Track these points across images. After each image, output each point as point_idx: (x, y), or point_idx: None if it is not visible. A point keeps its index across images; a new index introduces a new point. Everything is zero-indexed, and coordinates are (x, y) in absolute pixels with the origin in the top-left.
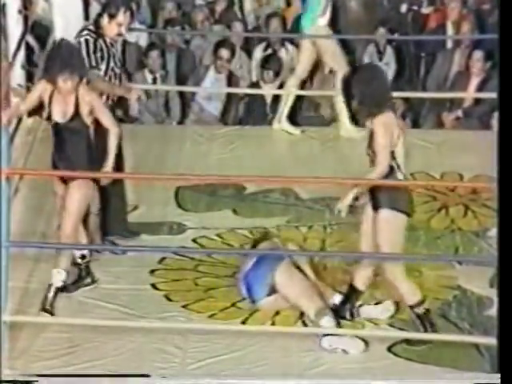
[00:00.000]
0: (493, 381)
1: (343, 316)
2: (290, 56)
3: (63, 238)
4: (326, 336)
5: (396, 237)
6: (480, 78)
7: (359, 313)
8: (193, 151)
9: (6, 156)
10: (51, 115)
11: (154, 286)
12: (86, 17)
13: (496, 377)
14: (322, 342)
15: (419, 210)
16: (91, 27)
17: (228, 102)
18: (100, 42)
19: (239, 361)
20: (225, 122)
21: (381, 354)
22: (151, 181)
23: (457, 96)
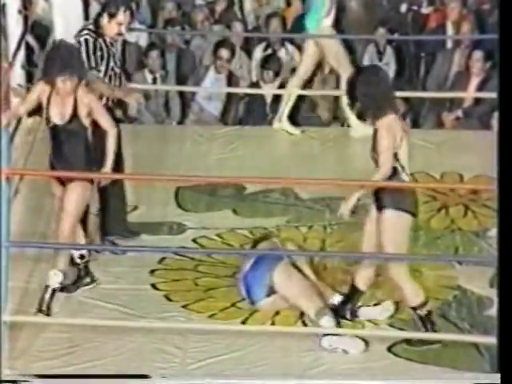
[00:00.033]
0: (493, 381)
1: (344, 316)
2: (290, 56)
3: (61, 239)
4: (326, 336)
5: (400, 237)
6: (480, 78)
7: (359, 314)
8: (193, 151)
9: (6, 156)
10: (49, 117)
11: (154, 286)
12: (86, 17)
13: (496, 377)
14: (322, 342)
15: (419, 210)
16: (91, 27)
17: (228, 102)
18: (100, 42)
19: (239, 361)
20: (225, 122)
21: (381, 354)
22: (151, 181)
23: (457, 96)
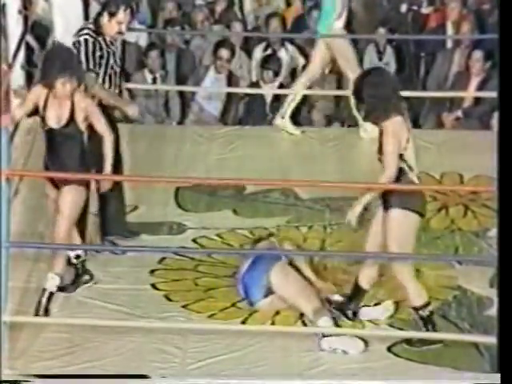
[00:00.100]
0: (493, 381)
1: (346, 315)
2: (290, 56)
3: (57, 242)
4: (325, 337)
5: (406, 237)
6: (480, 78)
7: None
8: (193, 151)
9: (6, 156)
10: (45, 120)
11: (154, 286)
12: (86, 17)
13: (496, 377)
14: (322, 344)
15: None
16: (91, 26)
17: (228, 102)
18: (100, 41)
19: (239, 361)
20: (225, 122)
21: (381, 354)
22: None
23: (457, 96)
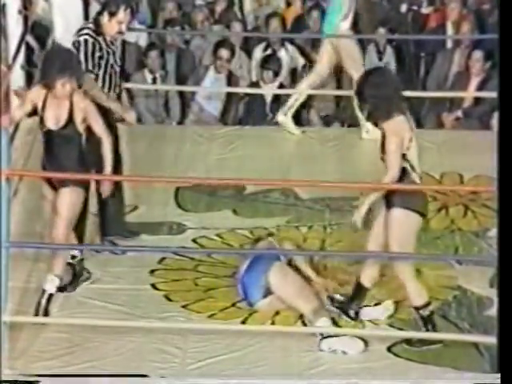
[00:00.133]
0: (493, 381)
1: (348, 314)
2: (290, 56)
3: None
4: (325, 338)
5: (407, 237)
6: (480, 78)
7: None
8: (193, 151)
9: (6, 156)
10: (44, 121)
11: (154, 286)
12: (86, 17)
13: (496, 377)
14: (321, 345)
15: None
16: (91, 26)
17: (228, 102)
18: (100, 41)
19: (239, 361)
20: (224, 122)
21: (381, 354)
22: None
23: (457, 96)
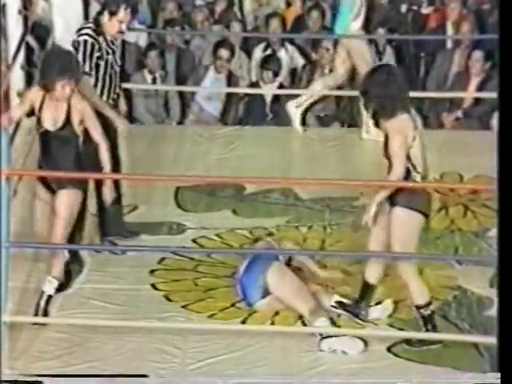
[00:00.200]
0: (493, 381)
1: (358, 316)
2: (290, 56)
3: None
4: (325, 339)
5: (409, 236)
6: (480, 78)
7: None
8: (192, 151)
9: (6, 156)
10: (41, 122)
11: (154, 286)
12: (86, 16)
13: (496, 377)
14: (321, 345)
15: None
16: (91, 25)
17: (228, 102)
18: (100, 41)
19: (239, 361)
20: (224, 122)
21: (380, 354)
22: (151, 181)
23: (457, 96)
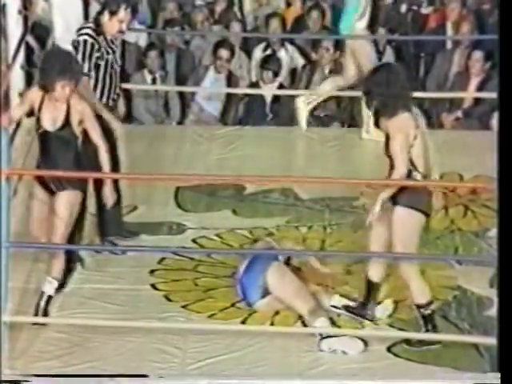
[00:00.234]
0: (493, 381)
1: (364, 317)
2: (290, 56)
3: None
4: (325, 339)
5: (410, 235)
6: (480, 79)
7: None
8: (192, 151)
9: (6, 156)
10: (40, 122)
11: (154, 286)
12: (86, 16)
13: (496, 377)
14: (321, 345)
15: None
16: (91, 25)
17: (228, 102)
18: (99, 41)
19: (239, 361)
20: (224, 123)
21: (380, 354)
22: (151, 181)
23: (457, 96)
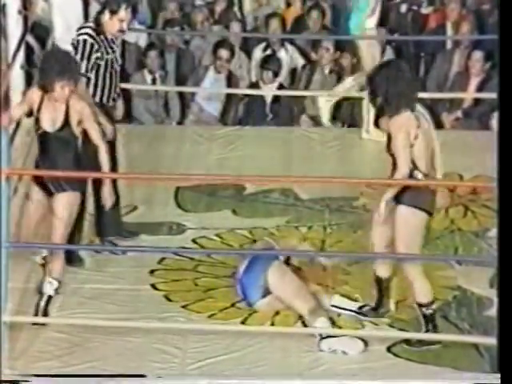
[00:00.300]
0: (493, 381)
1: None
2: (290, 56)
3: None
4: (325, 339)
5: (412, 234)
6: (480, 79)
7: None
8: (192, 151)
9: (6, 156)
10: (39, 123)
11: (154, 286)
12: (86, 16)
13: (496, 377)
14: (321, 345)
15: None
16: (91, 24)
17: (227, 103)
18: (99, 41)
19: (239, 361)
20: (224, 123)
21: (380, 355)
22: (151, 181)
23: (457, 96)
